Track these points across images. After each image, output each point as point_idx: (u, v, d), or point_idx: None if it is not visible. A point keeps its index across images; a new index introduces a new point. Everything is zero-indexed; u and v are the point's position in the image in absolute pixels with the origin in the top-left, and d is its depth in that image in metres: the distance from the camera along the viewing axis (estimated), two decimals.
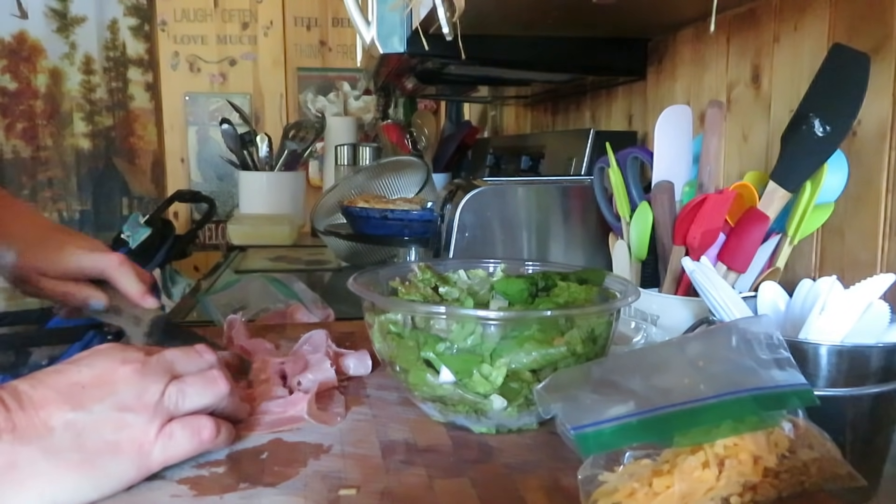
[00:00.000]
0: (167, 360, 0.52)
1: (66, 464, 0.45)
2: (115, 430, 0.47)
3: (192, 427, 0.50)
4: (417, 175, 1.52)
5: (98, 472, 0.46)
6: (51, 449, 0.44)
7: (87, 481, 0.45)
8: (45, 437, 0.45)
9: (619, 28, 1.10)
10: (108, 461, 0.46)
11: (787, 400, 0.45)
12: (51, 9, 2.59)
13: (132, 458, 0.47)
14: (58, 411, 0.46)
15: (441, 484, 0.49)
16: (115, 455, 0.46)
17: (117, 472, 0.47)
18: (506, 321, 0.56)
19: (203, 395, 0.52)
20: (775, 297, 0.58)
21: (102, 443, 0.46)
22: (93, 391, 0.47)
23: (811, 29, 0.76)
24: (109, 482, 0.46)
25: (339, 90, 2.81)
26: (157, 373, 0.50)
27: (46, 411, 0.45)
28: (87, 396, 0.47)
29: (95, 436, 0.46)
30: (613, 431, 0.43)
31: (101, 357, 0.50)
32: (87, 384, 0.48)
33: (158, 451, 0.48)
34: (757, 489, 0.43)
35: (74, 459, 0.45)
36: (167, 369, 0.51)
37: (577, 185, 0.98)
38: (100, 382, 0.48)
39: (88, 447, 0.46)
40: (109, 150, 2.71)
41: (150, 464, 0.48)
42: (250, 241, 1.81)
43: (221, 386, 0.53)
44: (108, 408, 0.47)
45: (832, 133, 0.62)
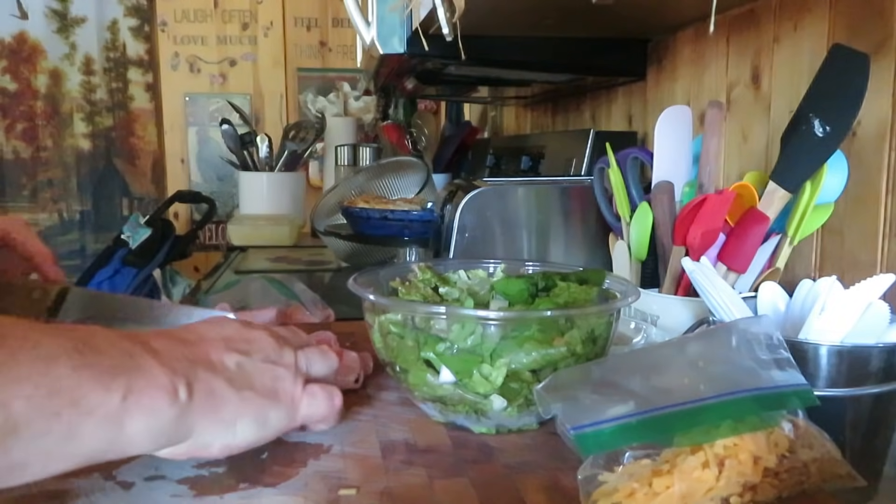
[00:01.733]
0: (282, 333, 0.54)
1: (246, 399, 0.46)
2: (273, 380, 0.49)
3: (328, 391, 0.52)
4: (417, 175, 1.53)
5: (265, 414, 0.48)
6: (234, 384, 0.46)
7: (261, 421, 0.47)
8: (227, 372, 0.46)
9: (619, 28, 1.10)
10: (271, 406, 0.48)
11: (787, 400, 0.45)
12: (51, 9, 2.59)
13: (287, 408, 0.49)
14: (227, 353, 0.47)
15: (441, 484, 0.49)
16: (276, 401, 0.48)
17: (277, 418, 0.48)
18: (506, 321, 0.56)
19: (323, 365, 0.54)
20: (775, 297, 0.58)
21: (267, 389, 0.48)
22: (242, 344, 0.49)
23: (811, 29, 0.76)
24: (271, 427, 0.48)
25: (339, 91, 2.81)
26: (284, 338, 0.52)
27: (217, 353, 0.47)
28: (241, 347, 0.49)
29: (260, 380, 0.48)
30: (613, 431, 0.43)
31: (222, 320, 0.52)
32: (235, 338, 0.49)
33: (304, 406, 0.50)
34: (757, 489, 0.43)
35: (251, 398, 0.47)
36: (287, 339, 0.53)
37: (577, 186, 0.98)
38: (243, 338, 0.50)
39: (258, 389, 0.47)
40: (109, 150, 2.71)
41: (296, 417, 0.50)
42: (250, 241, 1.81)
43: (334, 358, 0.55)
44: (262, 359, 0.49)
45: (832, 133, 0.62)
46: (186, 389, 0.43)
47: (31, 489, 0.48)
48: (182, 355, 0.44)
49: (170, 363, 0.43)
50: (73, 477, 0.48)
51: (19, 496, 0.47)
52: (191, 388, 0.43)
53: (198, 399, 0.43)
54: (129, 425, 0.40)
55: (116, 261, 1.57)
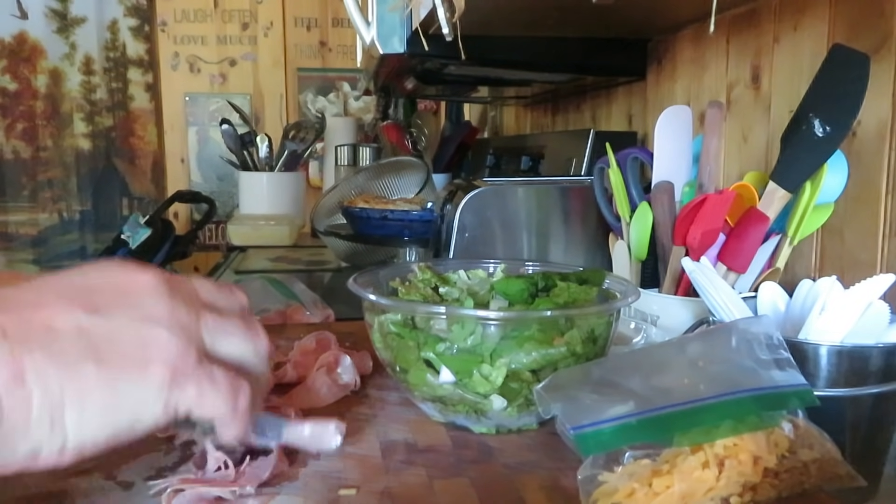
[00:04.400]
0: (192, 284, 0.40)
1: (81, 378, 0.33)
2: (143, 347, 0.35)
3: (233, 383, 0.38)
4: (417, 175, 1.53)
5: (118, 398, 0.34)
6: (61, 356, 0.33)
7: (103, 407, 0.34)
8: (52, 341, 0.33)
9: (619, 28, 1.10)
10: (131, 385, 0.34)
11: (787, 400, 0.45)
12: (51, 9, 2.59)
13: (160, 388, 0.35)
14: (64, 313, 0.34)
15: (441, 484, 0.49)
16: (141, 378, 0.34)
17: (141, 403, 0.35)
18: (506, 321, 0.56)
19: (243, 343, 0.40)
20: (775, 297, 0.58)
21: (126, 359, 0.34)
22: (107, 296, 0.36)
23: (811, 29, 0.76)
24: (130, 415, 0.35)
25: (339, 90, 2.81)
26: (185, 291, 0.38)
27: (46, 312, 0.34)
28: (102, 301, 0.35)
29: (118, 348, 0.34)
30: (613, 431, 0.43)
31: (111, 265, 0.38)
32: (99, 288, 0.36)
33: (193, 390, 0.36)
34: (757, 489, 0.43)
35: (91, 375, 0.33)
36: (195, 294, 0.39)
37: (577, 186, 0.98)
38: (115, 288, 0.36)
39: (108, 362, 0.34)
40: (109, 150, 2.71)
41: (177, 403, 0.36)
42: (250, 241, 1.81)
43: (262, 340, 0.41)
44: (131, 317, 0.35)
45: (832, 133, 0.62)
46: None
47: (31, 489, 0.48)
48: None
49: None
50: (73, 477, 0.48)
51: (20, 496, 0.47)
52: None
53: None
54: None
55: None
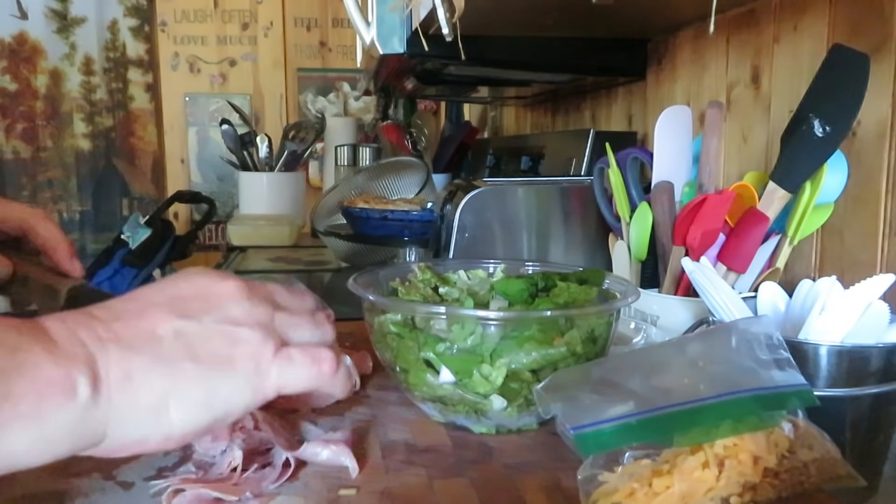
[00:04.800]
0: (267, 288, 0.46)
1: (181, 375, 0.39)
2: (230, 344, 0.41)
3: (313, 355, 0.43)
4: (417, 176, 1.52)
5: (213, 389, 0.40)
6: (164, 357, 0.38)
7: (202, 398, 0.39)
8: (155, 345, 0.39)
9: (619, 28, 1.10)
10: (223, 377, 0.40)
11: (787, 400, 0.45)
12: (51, 9, 2.59)
13: (248, 377, 0.41)
14: (163, 320, 0.39)
15: (441, 484, 0.49)
16: (230, 371, 0.40)
17: (232, 392, 0.40)
18: (506, 321, 0.56)
19: (311, 333, 0.46)
20: (775, 297, 0.58)
21: (217, 356, 0.40)
22: (196, 303, 0.41)
23: (811, 29, 0.76)
24: (224, 403, 0.40)
25: (338, 91, 2.81)
26: (261, 295, 0.44)
27: (149, 320, 0.39)
28: (192, 307, 0.41)
29: (209, 347, 0.40)
30: (613, 431, 0.43)
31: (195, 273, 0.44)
32: (188, 296, 0.42)
33: (276, 373, 0.42)
34: (757, 489, 0.43)
35: (189, 371, 0.39)
36: (269, 296, 0.45)
37: (577, 186, 0.98)
38: (202, 295, 0.42)
39: (202, 359, 0.40)
40: (109, 150, 2.71)
41: (265, 387, 0.42)
42: (250, 241, 1.81)
43: (328, 330, 0.47)
44: (217, 320, 0.41)
45: (832, 133, 0.62)
46: (89, 380, 0.35)
47: (31, 489, 0.48)
48: (92, 336, 0.37)
49: (67, 351, 0.35)
50: (73, 477, 0.48)
51: (20, 496, 0.47)
52: (96, 376, 0.36)
53: (110, 388, 0.36)
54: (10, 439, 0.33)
55: (116, 261, 1.57)
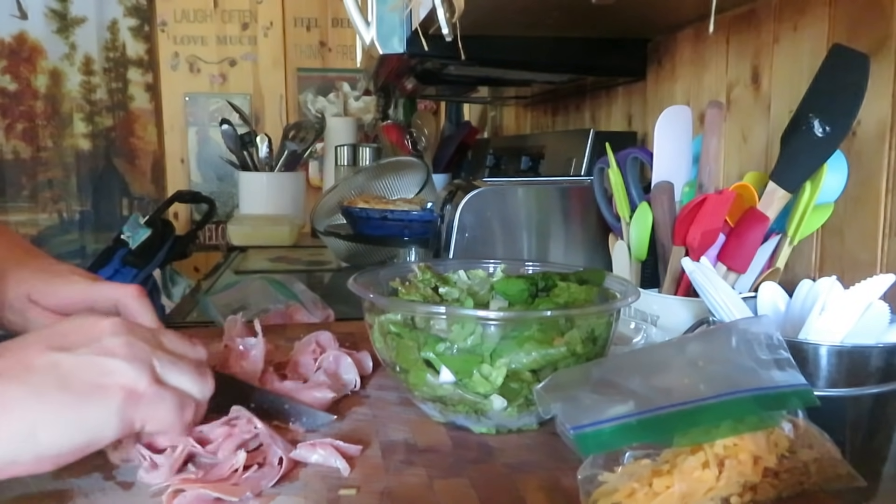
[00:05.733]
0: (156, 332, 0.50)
1: (50, 402, 0.43)
2: (101, 374, 0.45)
3: (180, 400, 0.47)
4: (417, 175, 1.53)
5: (82, 416, 0.44)
6: (35, 386, 0.43)
7: (72, 423, 0.43)
8: (28, 375, 0.43)
9: (619, 28, 1.10)
10: (92, 405, 0.44)
11: (787, 400, 0.45)
12: (51, 9, 2.59)
13: (117, 406, 0.44)
14: (40, 352, 0.44)
15: (441, 484, 0.49)
16: (101, 398, 0.44)
17: (99, 419, 0.44)
18: (506, 321, 0.56)
19: (190, 383, 0.49)
20: (775, 297, 0.58)
21: (87, 385, 0.44)
22: (77, 337, 0.46)
23: (811, 29, 0.76)
24: (92, 429, 0.44)
25: (338, 91, 2.81)
26: (144, 335, 0.48)
27: (28, 353, 0.44)
28: (70, 341, 0.46)
29: (81, 376, 0.44)
30: (613, 431, 0.43)
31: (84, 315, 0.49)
32: (70, 332, 0.46)
33: (145, 407, 0.45)
34: (757, 489, 0.43)
35: (58, 399, 0.43)
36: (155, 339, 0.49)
37: (576, 186, 0.98)
38: (84, 331, 0.47)
39: (73, 388, 0.44)
40: (109, 150, 2.71)
41: (133, 418, 0.45)
42: (250, 241, 1.81)
43: (209, 384, 0.50)
44: (92, 351, 0.45)
45: (832, 133, 0.62)
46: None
47: (31, 489, 0.48)
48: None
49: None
50: (72, 477, 0.48)
51: (20, 496, 0.47)
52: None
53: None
54: None
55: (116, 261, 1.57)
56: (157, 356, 0.47)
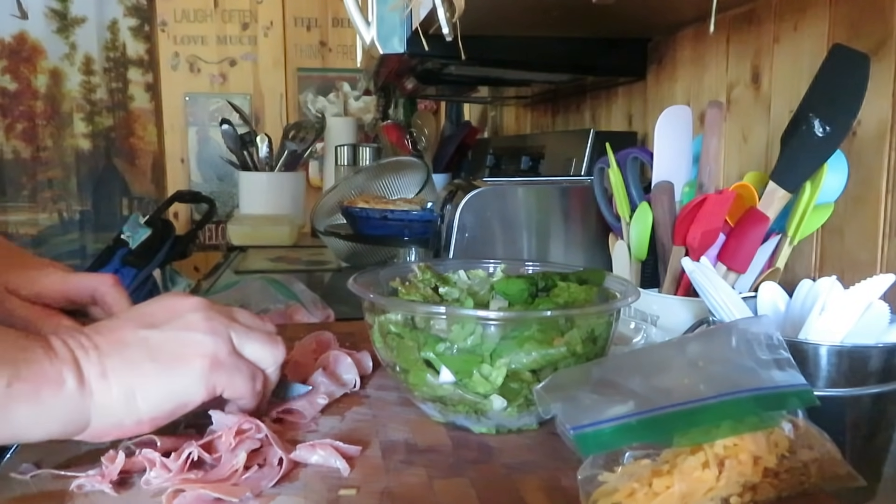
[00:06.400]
0: (230, 309, 0.56)
1: (144, 372, 0.49)
2: (184, 346, 0.51)
3: (251, 371, 0.53)
4: (417, 175, 1.53)
5: (171, 383, 0.49)
6: (130, 359, 0.49)
7: (162, 390, 0.49)
8: (124, 350, 0.49)
9: (619, 28, 1.10)
10: (178, 374, 0.50)
11: (787, 400, 0.45)
12: (51, 9, 2.59)
13: (200, 373, 0.50)
14: (131, 330, 0.50)
15: (441, 484, 0.49)
16: (184, 368, 0.50)
17: (187, 385, 0.50)
18: (506, 321, 0.56)
19: (263, 350, 0.55)
20: (775, 297, 0.58)
21: (173, 356, 0.50)
22: (162, 315, 0.52)
23: (811, 29, 0.76)
24: (181, 394, 0.50)
25: (339, 91, 2.81)
26: (220, 310, 0.54)
27: (121, 332, 0.50)
28: (156, 319, 0.52)
29: (167, 349, 0.50)
30: (613, 431, 0.43)
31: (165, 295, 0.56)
32: (155, 312, 0.52)
33: (225, 374, 0.51)
34: (757, 489, 0.43)
35: (150, 369, 0.49)
36: (230, 315, 0.55)
37: (577, 186, 0.98)
38: (167, 309, 0.53)
39: (161, 359, 0.49)
40: (109, 150, 2.71)
41: (214, 383, 0.51)
42: (250, 241, 1.81)
43: (280, 350, 0.56)
44: (175, 327, 0.51)
45: (832, 133, 0.62)
46: (75, 376, 0.46)
47: (31, 489, 0.48)
48: (78, 345, 0.48)
49: (59, 355, 0.46)
50: (73, 477, 0.48)
51: (20, 496, 0.47)
52: (80, 374, 0.46)
53: (90, 383, 0.47)
54: (15, 412, 0.44)
55: (116, 261, 1.57)
56: (233, 328, 0.53)
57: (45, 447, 0.53)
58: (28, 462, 0.50)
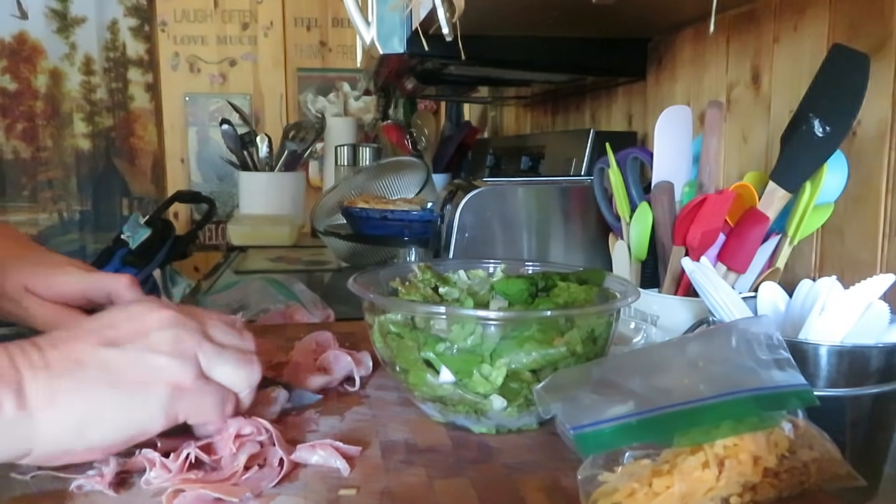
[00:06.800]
0: (203, 321, 0.52)
1: (99, 399, 0.45)
2: (148, 371, 0.47)
3: (220, 394, 0.50)
4: (417, 175, 1.52)
5: (128, 412, 0.46)
6: (85, 382, 0.45)
7: (118, 419, 0.46)
8: (78, 371, 0.45)
9: (619, 28, 1.10)
10: (140, 400, 0.46)
11: (787, 400, 0.45)
12: (51, 9, 2.59)
13: (161, 402, 0.47)
14: (90, 347, 0.46)
15: (441, 484, 0.49)
16: (148, 395, 0.47)
17: (145, 414, 0.47)
18: (506, 321, 0.56)
19: (236, 373, 0.51)
20: (775, 297, 0.58)
21: (135, 382, 0.46)
22: (125, 330, 0.48)
23: (811, 29, 0.76)
24: (138, 423, 0.47)
25: (339, 91, 2.81)
26: (192, 328, 0.50)
27: (79, 348, 0.46)
28: (120, 335, 0.48)
29: (128, 374, 0.46)
30: (613, 431, 0.43)
31: (135, 304, 0.52)
32: (120, 325, 0.48)
33: (188, 401, 0.48)
34: (757, 489, 0.43)
35: (107, 396, 0.45)
36: (202, 329, 0.51)
37: (577, 186, 0.98)
38: (132, 325, 0.48)
39: (121, 385, 0.46)
40: (109, 150, 2.71)
41: (177, 412, 0.48)
42: (250, 241, 1.81)
43: (254, 371, 0.52)
44: (139, 348, 0.47)
45: (832, 133, 0.62)
46: (14, 400, 0.43)
47: (31, 489, 0.48)
48: (26, 363, 0.44)
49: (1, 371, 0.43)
50: (72, 477, 0.48)
51: (20, 496, 0.47)
52: (22, 396, 0.43)
53: (33, 408, 0.43)
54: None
55: (116, 261, 1.56)
56: (202, 350, 0.49)
57: None
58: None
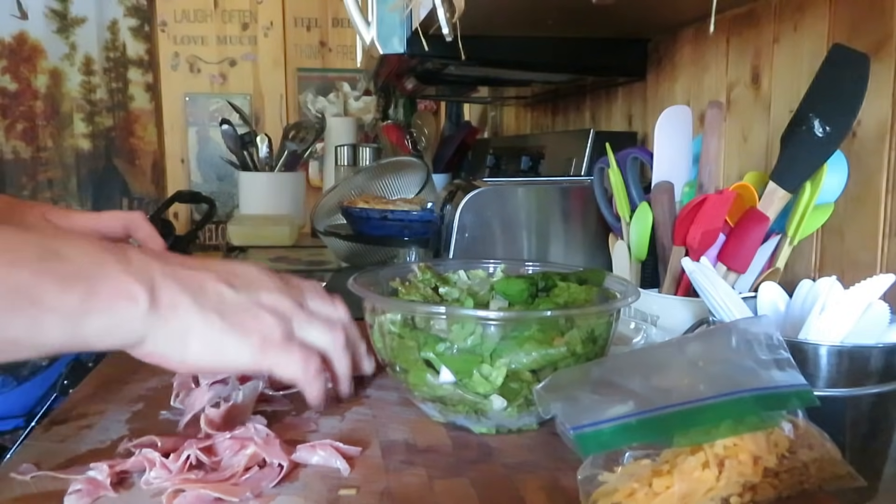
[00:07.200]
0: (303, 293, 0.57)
1: (208, 321, 0.49)
2: (250, 318, 0.51)
3: (307, 356, 0.53)
4: (417, 175, 1.52)
5: (225, 343, 0.50)
6: (202, 304, 0.50)
7: (215, 344, 0.50)
8: (200, 293, 0.50)
9: (619, 28, 1.10)
10: (234, 339, 0.50)
11: (787, 400, 0.45)
12: (51, 9, 2.59)
13: (252, 348, 0.51)
14: (212, 280, 0.51)
15: (441, 484, 0.49)
16: (241, 336, 0.51)
17: (237, 352, 0.51)
18: (506, 321, 0.56)
19: (321, 336, 0.56)
20: (775, 297, 0.58)
21: (237, 321, 0.51)
22: (242, 280, 0.53)
23: (811, 29, 0.76)
24: (230, 357, 0.51)
25: (339, 91, 2.81)
26: (293, 296, 0.56)
27: (203, 277, 0.51)
28: (237, 282, 0.53)
29: (234, 312, 0.51)
30: (613, 431, 0.43)
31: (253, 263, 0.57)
32: (239, 274, 0.54)
33: (274, 356, 0.52)
34: (757, 489, 0.43)
35: (214, 321, 0.50)
36: (300, 297, 0.56)
37: (577, 186, 0.98)
38: (248, 276, 0.54)
39: (227, 318, 0.50)
40: (109, 150, 2.71)
41: (262, 361, 0.52)
42: (250, 241, 1.81)
43: (339, 339, 0.57)
44: (249, 297, 0.52)
45: (832, 133, 0.62)
46: (148, 296, 0.47)
47: (31, 489, 0.48)
48: (160, 269, 0.48)
49: (138, 272, 0.47)
50: (72, 476, 0.48)
51: (20, 496, 0.47)
52: (154, 296, 0.47)
53: (159, 308, 0.47)
54: (87, 324, 0.44)
55: None
56: (296, 315, 0.55)
57: (45, 447, 0.54)
58: (28, 462, 0.50)
